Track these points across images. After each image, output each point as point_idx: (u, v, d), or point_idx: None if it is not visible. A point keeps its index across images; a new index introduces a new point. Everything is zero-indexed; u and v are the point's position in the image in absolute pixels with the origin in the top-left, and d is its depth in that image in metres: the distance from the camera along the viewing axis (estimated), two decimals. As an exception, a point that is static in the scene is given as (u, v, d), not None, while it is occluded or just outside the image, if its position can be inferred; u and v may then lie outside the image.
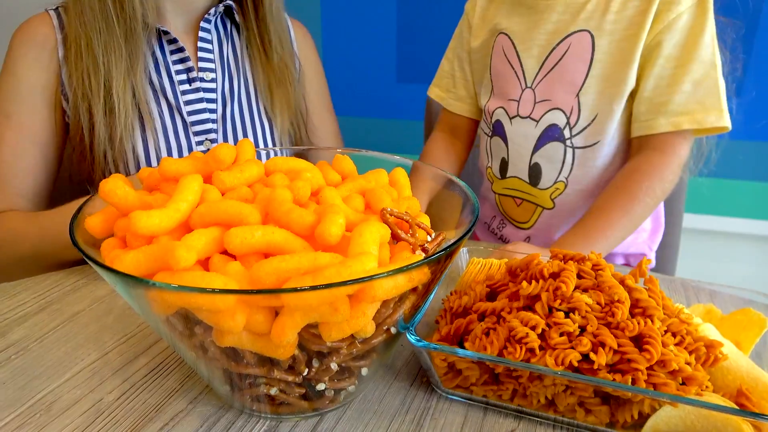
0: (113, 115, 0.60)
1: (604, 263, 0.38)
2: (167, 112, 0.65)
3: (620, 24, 0.59)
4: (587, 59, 0.60)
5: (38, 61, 0.63)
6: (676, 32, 0.57)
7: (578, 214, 0.63)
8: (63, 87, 0.63)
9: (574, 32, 0.61)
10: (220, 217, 0.31)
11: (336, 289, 0.27)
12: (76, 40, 0.61)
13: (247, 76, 0.71)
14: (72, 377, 0.41)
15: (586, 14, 0.60)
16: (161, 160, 0.36)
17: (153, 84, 0.65)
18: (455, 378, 0.37)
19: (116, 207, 0.33)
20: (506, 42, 0.64)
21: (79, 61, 0.61)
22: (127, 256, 0.29)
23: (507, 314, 0.36)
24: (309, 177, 0.36)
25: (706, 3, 0.57)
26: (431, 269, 0.32)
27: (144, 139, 0.64)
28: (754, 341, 0.40)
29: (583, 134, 0.62)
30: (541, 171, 0.65)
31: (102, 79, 0.60)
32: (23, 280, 0.55)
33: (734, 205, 1.38)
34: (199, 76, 0.67)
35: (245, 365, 0.32)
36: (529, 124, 0.64)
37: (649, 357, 0.32)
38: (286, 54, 0.71)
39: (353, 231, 0.31)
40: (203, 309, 0.28)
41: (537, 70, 0.63)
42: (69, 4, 0.63)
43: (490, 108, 0.68)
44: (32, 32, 0.64)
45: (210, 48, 0.68)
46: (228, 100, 0.69)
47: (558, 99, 0.62)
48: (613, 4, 0.59)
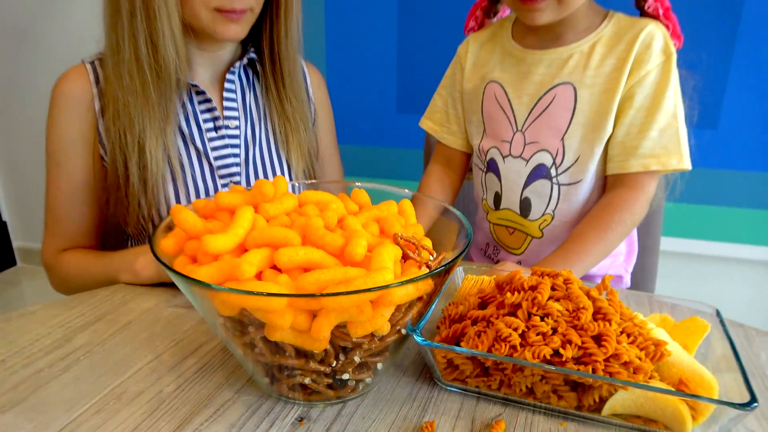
0: (146, 169, 0.68)
1: (573, 278, 0.47)
2: (195, 158, 0.73)
3: (599, 78, 0.67)
4: (571, 108, 0.68)
5: (77, 115, 0.70)
6: (645, 86, 0.65)
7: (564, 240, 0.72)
8: (101, 137, 0.70)
9: (559, 84, 0.69)
10: (269, 240, 0.40)
11: (362, 295, 0.36)
12: (113, 100, 0.67)
13: (267, 123, 0.79)
14: (134, 374, 0.49)
15: (569, 69, 0.68)
16: (217, 194, 0.45)
17: (183, 132, 0.72)
18: (453, 372, 0.46)
19: (186, 231, 0.42)
20: (498, 89, 0.73)
21: (116, 119, 0.68)
22: (201, 270, 0.38)
23: (495, 319, 0.45)
24: (335, 207, 0.45)
25: (670, 62, 0.66)
26: (434, 281, 0.41)
27: (174, 183, 0.71)
28: (698, 343, 0.48)
29: (567, 173, 0.70)
30: (531, 204, 0.73)
31: (137, 137, 0.67)
32: (77, 294, 0.63)
33: (709, 229, 1.47)
34: (224, 124, 0.75)
35: (287, 357, 0.41)
36: (520, 163, 0.72)
37: (606, 351, 0.41)
38: (302, 103, 0.79)
39: (373, 251, 0.40)
40: (261, 309, 0.36)
41: (526, 116, 0.71)
42: (107, 57, 0.68)
43: (484, 147, 0.76)
44: (70, 87, 0.70)
45: (234, 98, 0.76)
46: (250, 145, 0.77)
47: (545, 142, 0.70)
48: (592, 61, 0.67)
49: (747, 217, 1.46)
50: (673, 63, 0.67)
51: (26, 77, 1.91)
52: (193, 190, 0.72)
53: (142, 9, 0.63)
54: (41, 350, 0.52)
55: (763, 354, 0.53)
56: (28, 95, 1.93)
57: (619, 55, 0.66)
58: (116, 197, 0.71)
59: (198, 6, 0.65)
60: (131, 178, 0.68)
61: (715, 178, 1.46)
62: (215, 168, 0.74)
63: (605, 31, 0.68)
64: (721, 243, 1.47)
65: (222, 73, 0.76)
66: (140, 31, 0.64)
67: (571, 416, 0.44)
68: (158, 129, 0.67)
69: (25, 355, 0.51)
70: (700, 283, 1.53)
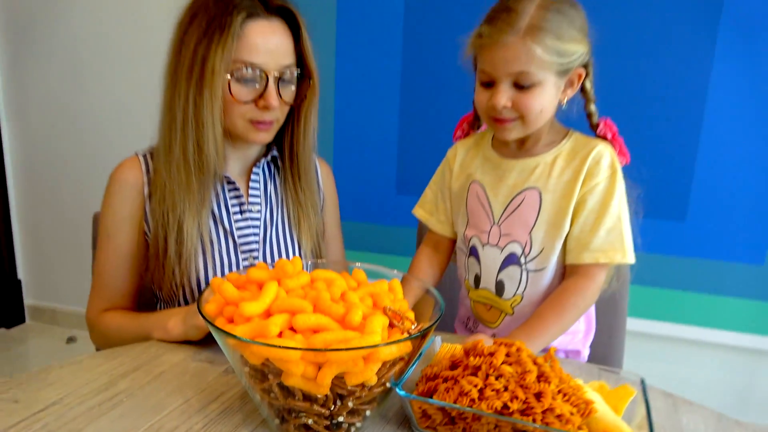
0: (182, 245, 0.82)
1: (524, 348, 0.59)
2: (222, 236, 0.87)
3: (559, 186, 0.81)
4: (537, 208, 0.81)
5: (128, 198, 0.85)
6: (595, 194, 0.79)
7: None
8: (146, 216, 0.85)
9: (528, 188, 0.82)
10: (288, 307, 0.53)
11: (357, 352, 0.49)
12: (161, 187, 0.82)
13: (283, 208, 0.93)
14: (168, 413, 0.60)
15: (535, 176, 0.82)
16: (249, 269, 0.59)
17: (214, 215, 0.87)
18: (426, 420, 0.57)
19: (225, 298, 0.55)
20: (479, 189, 0.87)
21: (162, 202, 0.82)
22: (238, 328, 0.50)
23: (460, 378, 0.57)
24: (339, 284, 0.58)
25: (615, 176, 0.80)
26: (412, 344, 0.54)
27: (204, 256, 0.85)
28: (625, 405, 0.60)
29: (534, 261, 0.83)
30: (504, 286, 0.85)
31: (177, 218, 0.81)
32: (117, 348, 0.75)
33: (680, 313, 1.59)
34: (248, 209, 0.89)
35: (296, 400, 0.53)
36: (496, 250, 0.85)
37: (543, 405, 0.53)
38: (313, 192, 0.94)
39: (366, 319, 0.53)
40: (280, 359, 0.49)
41: (501, 213, 0.85)
42: (158, 153, 0.83)
43: (467, 235, 0.89)
44: (125, 175, 0.85)
45: (258, 187, 0.91)
46: (269, 226, 0.91)
47: (516, 234, 0.83)
48: (554, 171, 0.81)
49: (717, 304, 1.58)
50: (618, 176, 0.81)
51: (49, 145, 2.09)
52: (219, 263, 0.86)
53: (193, 120, 0.79)
54: (91, 392, 0.64)
55: (684, 418, 0.65)
56: (49, 162, 2.11)
57: (575, 167, 0.81)
58: (154, 266, 0.84)
59: (236, 118, 0.82)
60: (169, 251, 0.82)
61: (686, 266, 1.60)
62: (238, 245, 0.88)
63: (565, 147, 0.83)
64: (690, 326, 1.58)
65: (249, 166, 0.91)
66: (190, 137, 0.80)
67: (519, 460, 0.55)
68: (195, 212, 0.82)
69: (78, 395, 0.63)
70: (669, 365, 1.62)
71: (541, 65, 0.72)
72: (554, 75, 0.74)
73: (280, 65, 0.81)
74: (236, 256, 0.88)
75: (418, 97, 1.65)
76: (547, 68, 0.73)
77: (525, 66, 0.72)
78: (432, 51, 1.61)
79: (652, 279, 1.59)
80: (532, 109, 0.75)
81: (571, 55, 0.74)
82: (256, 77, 0.80)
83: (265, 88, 0.80)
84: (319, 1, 1.66)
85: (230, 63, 0.78)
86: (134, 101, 1.93)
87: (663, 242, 1.62)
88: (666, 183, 1.60)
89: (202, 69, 0.77)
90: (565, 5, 0.74)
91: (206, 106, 0.78)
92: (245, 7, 0.77)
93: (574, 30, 0.74)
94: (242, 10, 0.77)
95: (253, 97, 0.81)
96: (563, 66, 0.74)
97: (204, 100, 0.78)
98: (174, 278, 0.83)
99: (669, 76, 1.49)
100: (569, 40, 0.73)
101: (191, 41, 0.78)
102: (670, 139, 1.53)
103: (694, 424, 0.64)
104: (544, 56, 0.72)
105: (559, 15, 0.72)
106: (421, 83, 1.64)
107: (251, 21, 0.78)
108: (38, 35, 1.99)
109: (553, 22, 0.72)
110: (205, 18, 0.77)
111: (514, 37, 0.71)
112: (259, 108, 0.81)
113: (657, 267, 1.62)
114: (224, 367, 0.71)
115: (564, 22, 0.73)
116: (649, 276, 1.59)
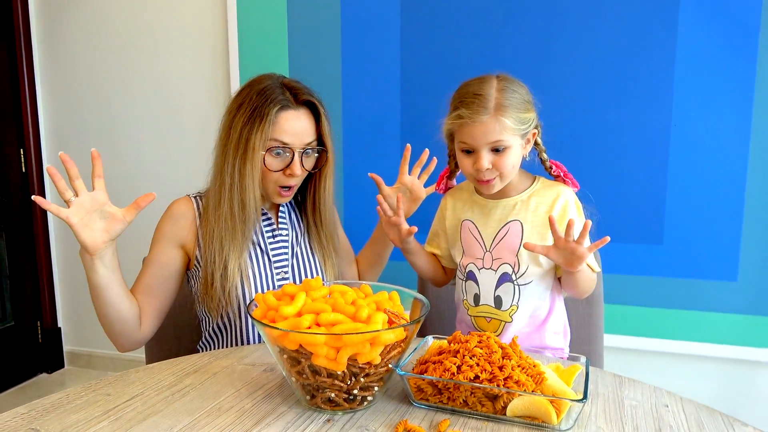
0: (226, 280, 1.04)
1: (492, 336, 0.78)
2: (259, 255, 1.10)
3: (536, 217, 1.00)
4: (520, 235, 0.99)
5: (183, 227, 1.07)
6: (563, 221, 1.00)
7: (526, 322, 1.02)
8: (198, 242, 1.08)
9: (511, 221, 1.00)
10: (314, 309, 0.73)
11: (364, 336, 0.68)
12: (210, 232, 1.04)
13: (305, 233, 1.18)
14: (225, 398, 0.79)
15: (515, 211, 1.01)
16: (283, 286, 0.79)
17: (252, 241, 1.10)
18: (420, 393, 0.76)
19: (267, 306, 0.75)
20: (471, 225, 1.06)
21: (210, 243, 1.04)
22: (279, 324, 0.70)
23: (445, 360, 0.76)
24: (350, 293, 0.79)
25: (580, 209, 1.00)
26: (405, 331, 0.73)
27: (243, 274, 1.07)
28: (573, 377, 0.78)
29: (522, 277, 1.01)
30: (502, 300, 1.03)
31: (223, 259, 1.04)
32: (177, 358, 0.95)
33: (654, 327, 1.74)
34: (279, 232, 1.13)
35: (322, 377, 0.72)
36: (491, 272, 1.03)
37: (504, 375, 0.71)
38: (333, 237, 1.18)
39: (371, 316, 0.73)
40: (310, 344, 0.68)
41: (491, 242, 1.03)
42: (209, 207, 1.05)
43: (463, 263, 1.07)
44: (178, 208, 1.09)
45: (284, 215, 1.16)
46: (295, 246, 1.15)
47: (506, 258, 1.02)
48: (530, 207, 1.00)
49: (695, 319, 1.73)
50: (581, 208, 1.02)
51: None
52: (258, 277, 1.08)
53: (239, 184, 1.03)
54: (163, 387, 0.83)
55: (626, 391, 0.83)
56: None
57: (547, 203, 1.00)
58: (203, 286, 1.06)
59: (269, 183, 1.07)
60: (215, 283, 1.04)
61: (665, 285, 1.75)
62: (272, 262, 1.11)
63: (536, 188, 1.02)
64: (671, 341, 1.73)
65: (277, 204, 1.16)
66: (236, 197, 1.04)
67: (490, 418, 0.73)
68: (239, 253, 1.05)
69: (155, 389, 0.82)
70: (653, 376, 1.76)
71: (510, 132, 0.93)
72: (519, 138, 0.95)
73: (303, 143, 1.05)
74: (270, 271, 1.10)
75: (418, 102, 1.84)
76: (514, 134, 0.93)
77: (499, 135, 0.92)
78: (429, 58, 1.81)
79: (633, 298, 1.75)
80: (507, 167, 0.95)
81: (529, 121, 0.95)
82: (285, 152, 1.04)
83: (291, 160, 1.04)
84: (324, 16, 1.89)
85: (266, 142, 1.02)
86: (162, 160, 2.18)
87: (643, 264, 1.79)
88: (642, 211, 1.77)
89: (245, 146, 1.02)
90: (515, 84, 0.95)
91: (248, 175, 1.02)
92: (280, 100, 1.02)
93: (527, 102, 0.95)
94: (277, 103, 1.02)
95: (282, 167, 1.05)
96: (524, 130, 0.95)
97: (246, 170, 1.02)
98: (219, 301, 1.04)
99: (633, 109, 1.67)
100: (525, 110, 0.94)
101: (238, 124, 1.02)
102: (640, 169, 1.71)
103: (633, 394, 0.82)
104: (512, 126, 0.92)
105: (514, 93, 0.93)
106: (420, 88, 1.83)
107: (283, 111, 1.03)
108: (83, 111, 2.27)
109: (512, 100, 0.92)
110: (249, 107, 1.02)
111: (487, 116, 0.91)
112: (286, 175, 1.05)
113: (638, 287, 1.78)
114: (263, 367, 0.90)
115: (519, 98, 0.94)
116: (630, 296, 1.76)
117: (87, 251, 0.91)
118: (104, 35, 2.18)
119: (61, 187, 0.88)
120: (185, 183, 1.47)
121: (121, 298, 0.98)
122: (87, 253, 0.91)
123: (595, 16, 1.68)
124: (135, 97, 2.18)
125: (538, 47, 1.73)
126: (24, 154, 2.28)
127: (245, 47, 1.98)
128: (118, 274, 0.97)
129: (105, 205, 0.92)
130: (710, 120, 1.64)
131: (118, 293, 0.97)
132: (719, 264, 1.70)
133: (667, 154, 1.69)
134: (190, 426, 0.71)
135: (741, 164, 1.65)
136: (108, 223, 0.92)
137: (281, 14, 1.93)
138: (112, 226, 0.92)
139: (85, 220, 0.89)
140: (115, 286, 0.96)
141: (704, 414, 0.76)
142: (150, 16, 2.11)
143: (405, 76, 1.85)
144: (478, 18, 1.76)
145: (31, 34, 2.25)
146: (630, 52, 1.67)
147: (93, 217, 0.90)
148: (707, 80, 1.63)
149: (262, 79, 1.07)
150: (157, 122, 2.17)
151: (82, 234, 0.89)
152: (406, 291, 0.86)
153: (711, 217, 1.68)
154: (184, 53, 2.09)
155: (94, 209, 0.91)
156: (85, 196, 0.90)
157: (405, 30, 1.83)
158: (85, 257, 0.92)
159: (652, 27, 1.65)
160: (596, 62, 1.69)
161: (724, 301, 1.70)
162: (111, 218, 0.92)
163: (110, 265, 0.95)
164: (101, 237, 0.91)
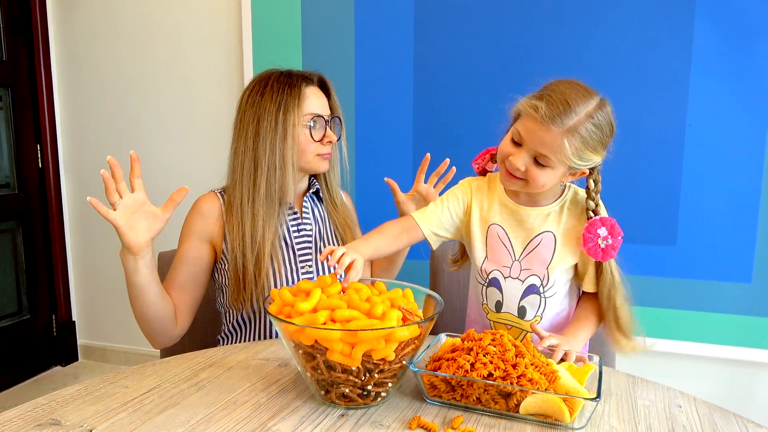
0: (260, 267, 1.05)
1: (506, 334, 0.79)
2: (285, 248, 1.11)
3: (568, 229, 0.96)
4: (552, 248, 0.95)
5: (207, 221, 1.08)
6: None
7: (547, 329, 0.96)
8: (225, 238, 1.08)
9: (544, 231, 0.96)
10: (329, 305, 0.74)
11: (379, 332, 0.69)
12: (239, 225, 1.06)
13: (327, 223, 1.20)
14: (240, 392, 0.80)
15: (549, 221, 0.95)
16: (298, 282, 0.80)
17: (279, 234, 1.11)
18: (433, 390, 0.76)
19: (284, 301, 0.76)
20: (500, 230, 0.98)
21: (239, 236, 1.05)
22: (294, 320, 0.71)
23: (457, 357, 0.76)
24: (365, 290, 0.79)
25: None
26: (419, 328, 0.73)
27: (272, 265, 1.08)
28: (586, 376, 0.78)
29: (549, 290, 0.98)
30: (526, 311, 1.00)
31: (256, 246, 1.05)
32: (193, 352, 0.96)
33: (668, 329, 1.73)
34: (303, 227, 1.15)
35: (337, 372, 0.72)
36: (518, 282, 0.97)
37: (518, 373, 0.72)
38: (344, 207, 1.23)
39: (385, 313, 0.73)
40: (326, 339, 0.69)
41: (521, 251, 0.97)
42: (241, 191, 1.06)
43: (486, 269, 0.99)
44: (204, 204, 1.10)
45: (308, 209, 1.17)
46: (317, 239, 1.16)
47: (535, 269, 0.96)
48: (563, 218, 0.97)
49: (709, 320, 1.72)
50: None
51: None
52: (284, 269, 1.09)
53: (281, 161, 1.06)
54: (180, 380, 0.84)
55: (639, 390, 0.82)
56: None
57: (577, 215, 0.97)
58: (234, 278, 1.07)
59: (309, 155, 1.10)
60: (248, 275, 1.05)
61: (679, 286, 1.74)
62: (297, 255, 1.13)
63: (567, 197, 0.98)
64: (684, 342, 1.72)
65: (301, 196, 1.18)
66: (276, 178, 1.06)
67: (503, 416, 0.73)
68: (272, 239, 1.07)
69: (172, 382, 0.83)
70: (664, 378, 1.75)
71: (562, 157, 0.85)
72: (566, 167, 0.88)
73: (327, 115, 1.12)
74: (295, 263, 1.12)
75: (430, 104, 1.85)
76: (564, 161, 0.86)
77: (550, 152, 0.85)
78: (442, 56, 1.81)
79: (646, 299, 1.74)
80: (538, 182, 0.89)
81: (587, 160, 0.87)
82: (318, 123, 1.09)
83: (325, 129, 1.10)
84: (338, 14, 1.91)
85: (303, 117, 1.07)
86: (177, 156, 2.20)
87: (657, 265, 1.78)
88: (656, 212, 1.76)
89: (284, 126, 1.05)
90: (605, 120, 0.86)
91: (288, 150, 1.06)
92: (302, 79, 1.09)
93: (600, 144, 0.86)
94: (302, 81, 1.09)
95: (320, 137, 1.10)
96: (576, 166, 0.88)
97: (287, 148, 1.06)
98: (251, 292, 1.06)
99: (648, 110, 1.67)
100: (591, 150, 0.86)
101: (271, 107, 1.06)
102: (655, 170, 1.70)
103: (646, 394, 0.82)
104: (567, 153, 0.84)
105: (596, 129, 0.85)
106: (433, 87, 1.84)
107: (307, 87, 1.09)
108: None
109: (589, 132, 0.84)
110: (276, 92, 1.07)
111: (557, 128, 0.83)
112: (323, 144, 1.10)
113: (652, 288, 1.77)
114: (278, 363, 0.91)
115: (597, 135, 0.85)
116: (644, 296, 1.75)
117: (131, 252, 0.93)
118: (119, 33, 2.20)
119: (111, 189, 0.90)
120: (201, 178, 1.49)
121: (160, 297, 1.00)
122: (131, 253, 0.93)
123: (610, 17, 1.68)
124: (150, 93, 2.20)
125: (552, 47, 1.72)
126: (41, 150, 2.31)
127: (259, 45, 1.99)
128: (155, 274, 0.99)
129: (145, 205, 0.94)
130: (725, 121, 1.63)
131: (156, 292, 0.99)
132: (733, 265, 1.69)
133: (681, 155, 1.68)
134: (207, 418, 0.72)
135: (756, 165, 1.63)
136: (150, 222, 0.94)
137: (295, 13, 1.94)
138: (154, 225, 0.94)
139: (130, 222, 0.91)
140: (154, 285, 0.98)
141: (718, 415, 0.76)
142: (164, 14, 2.13)
143: (418, 75, 1.85)
144: (492, 17, 1.76)
145: (48, 32, 2.28)
146: (645, 53, 1.66)
147: (136, 218, 0.92)
148: (722, 81, 1.62)
149: (269, 72, 1.11)
150: (171, 119, 2.19)
151: (128, 235, 0.91)
152: (419, 288, 0.87)
153: (725, 219, 1.67)
154: (199, 51, 2.10)
155: (136, 210, 0.93)
156: (129, 198, 0.92)
157: (418, 29, 1.84)
158: (128, 259, 0.94)
159: (667, 28, 1.64)
160: (611, 63, 1.69)
161: (737, 303, 1.69)
162: (152, 217, 0.94)
163: (150, 265, 0.97)
164: (144, 237, 0.93)
